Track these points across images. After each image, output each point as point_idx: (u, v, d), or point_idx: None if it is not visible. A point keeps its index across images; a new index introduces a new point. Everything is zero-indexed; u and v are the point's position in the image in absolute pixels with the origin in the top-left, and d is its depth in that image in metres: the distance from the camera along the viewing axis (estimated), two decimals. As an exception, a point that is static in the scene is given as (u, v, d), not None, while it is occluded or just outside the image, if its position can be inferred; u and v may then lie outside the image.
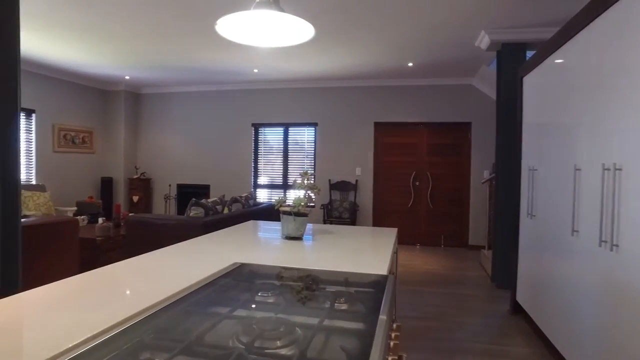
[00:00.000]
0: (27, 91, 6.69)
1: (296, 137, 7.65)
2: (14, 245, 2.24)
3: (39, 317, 1.01)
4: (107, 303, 1.10)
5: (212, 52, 5.62)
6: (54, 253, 3.68)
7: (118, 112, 8.22)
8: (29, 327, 0.96)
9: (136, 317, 1.00)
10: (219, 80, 7.57)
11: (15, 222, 2.24)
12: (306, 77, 7.10)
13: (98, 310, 1.04)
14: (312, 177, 7.41)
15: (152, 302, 1.11)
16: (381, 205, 7.24)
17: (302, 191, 2.15)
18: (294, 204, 2.05)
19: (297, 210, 2.04)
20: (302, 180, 2.21)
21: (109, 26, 4.66)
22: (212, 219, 3.98)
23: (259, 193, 7.89)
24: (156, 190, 8.46)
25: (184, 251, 1.82)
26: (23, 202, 6.11)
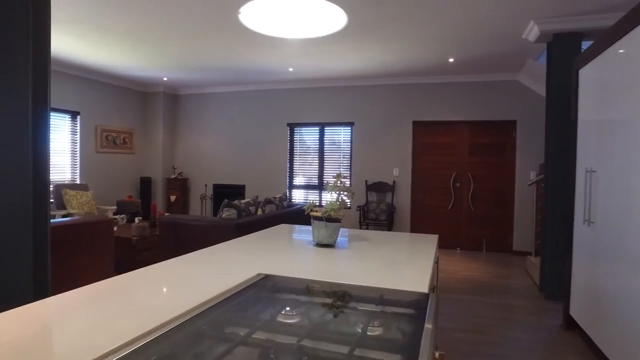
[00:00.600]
0: (72, 94, 6.91)
1: (332, 137, 7.51)
2: (44, 246, 2.22)
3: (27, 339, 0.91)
4: (113, 320, 0.99)
5: (248, 50, 5.57)
6: (91, 252, 3.71)
7: (157, 113, 8.38)
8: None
9: (141, 340, 0.88)
10: (255, 80, 7.55)
11: (44, 222, 2.22)
12: (342, 76, 6.94)
13: (101, 330, 0.93)
14: (347, 179, 7.28)
15: (162, 319, 1.00)
16: (419, 207, 6.97)
17: (335, 194, 1.99)
18: (325, 209, 1.91)
19: (329, 215, 1.89)
20: (335, 182, 2.05)
21: (148, 27, 4.69)
22: (245, 221, 3.90)
23: (294, 194, 7.81)
24: (193, 190, 8.55)
25: (207, 258, 1.71)
26: (67, 200, 6.31)
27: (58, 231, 3.42)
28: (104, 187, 7.54)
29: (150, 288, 1.29)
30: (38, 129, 2.19)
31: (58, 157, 6.80)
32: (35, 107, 2.18)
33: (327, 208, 1.89)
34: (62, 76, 6.73)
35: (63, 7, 4.18)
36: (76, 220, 3.62)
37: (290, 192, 7.80)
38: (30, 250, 2.21)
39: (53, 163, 6.71)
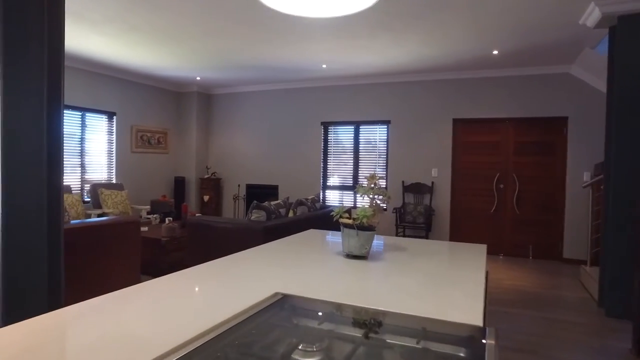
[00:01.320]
0: (108, 95, 6.99)
1: (368, 136, 7.23)
2: (57, 251, 2.09)
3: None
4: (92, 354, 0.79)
5: (280, 47, 5.39)
6: (117, 254, 3.63)
7: (190, 113, 8.38)
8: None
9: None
10: (288, 79, 7.38)
11: (58, 224, 2.09)
12: (378, 72, 6.65)
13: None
14: (382, 179, 6.97)
15: (153, 354, 0.79)
16: (460, 210, 6.57)
17: (368, 197, 1.75)
18: (357, 215, 1.66)
19: (361, 222, 1.64)
20: (368, 184, 1.81)
21: (178, 25, 4.60)
22: (273, 224, 3.70)
23: (328, 195, 7.59)
24: (226, 190, 8.50)
25: (220, 270, 1.50)
26: (103, 200, 6.37)
27: (83, 232, 3.35)
28: (139, 186, 7.60)
29: (143, 310, 1.09)
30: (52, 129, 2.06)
31: (95, 157, 6.89)
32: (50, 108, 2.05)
33: (358, 214, 1.65)
34: (99, 77, 6.81)
35: (95, 8, 4.14)
36: (102, 221, 3.55)
37: (324, 193, 7.58)
38: (45, 255, 2.09)
39: (91, 163, 6.81)
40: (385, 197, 1.75)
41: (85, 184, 6.73)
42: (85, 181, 6.74)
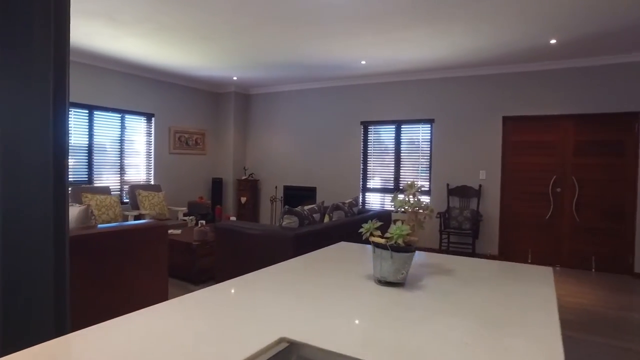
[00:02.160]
0: (147, 96, 7.01)
1: (410, 136, 6.82)
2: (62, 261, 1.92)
3: None
4: None
5: (317, 43, 5.13)
6: (144, 258, 3.49)
7: (228, 114, 8.30)
8: None
9: None
10: (326, 77, 7.11)
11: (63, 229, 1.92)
12: (420, 67, 6.24)
13: None
14: (425, 180, 6.55)
15: None
16: (510, 215, 6.03)
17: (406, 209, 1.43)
18: (391, 234, 1.35)
19: (396, 243, 1.33)
20: (405, 196, 1.49)
21: (209, 22, 4.44)
22: (305, 231, 3.44)
23: (368, 197, 7.24)
24: (263, 192, 8.36)
25: (218, 301, 1.24)
26: (140, 201, 6.37)
27: (109, 237, 3.23)
28: (176, 187, 7.59)
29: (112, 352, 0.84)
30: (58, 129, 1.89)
31: (134, 158, 6.93)
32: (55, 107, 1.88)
33: (393, 233, 1.34)
34: (137, 79, 6.84)
35: (124, 9, 4.05)
36: (129, 226, 3.42)
37: (363, 196, 7.25)
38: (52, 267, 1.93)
39: (130, 164, 6.85)
40: (427, 213, 1.43)
41: (124, 185, 6.77)
42: (125, 182, 6.79)
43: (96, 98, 6.27)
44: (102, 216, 5.70)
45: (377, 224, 1.41)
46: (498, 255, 6.05)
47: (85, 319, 3.12)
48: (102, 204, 5.75)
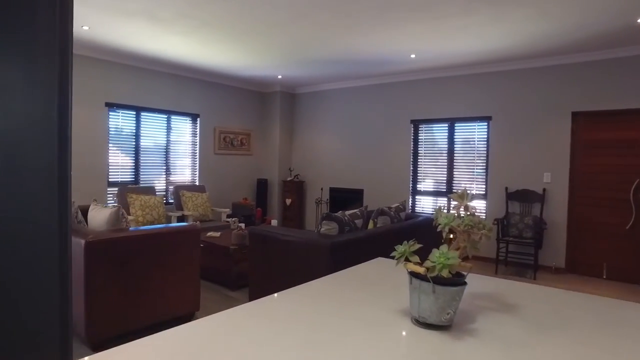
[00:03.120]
0: (192, 97, 7.00)
1: (464, 135, 6.29)
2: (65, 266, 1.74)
3: None
4: None
5: (363, 36, 4.80)
6: (175, 263, 3.34)
7: (274, 114, 8.16)
8: None
9: None
10: (373, 73, 6.75)
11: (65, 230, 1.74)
12: (475, 61, 5.71)
13: None
14: (480, 186, 5.98)
15: None
16: (581, 223, 5.35)
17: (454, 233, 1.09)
18: (433, 262, 1.01)
19: (440, 274, 0.99)
20: (456, 208, 1.14)
21: (251, 18, 4.24)
22: (344, 240, 3.12)
23: (418, 201, 6.79)
24: (309, 193, 8.13)
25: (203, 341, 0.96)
26: (184, 202, 6.35)
27: (137, 241, 3.10)
28: (221, 188, 7.54)
29: None
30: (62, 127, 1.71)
31: (180, 159, 6.94)
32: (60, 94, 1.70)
33: (436, 260, 1.00)
34: (182, 80, 6.85)
35: (163, 4, 3.94)
36: (158, 229, 3.28)
37: (413, 200, 6.81)
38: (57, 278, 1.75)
39: (176, 164, 6.87)
40: (484, 233, 1.07)
41: (169, 186, 6.80)
42: (170, 183, 6.82)
43: (143, 99, 6.33)
44: (146, 216, 5.71)
45: (415, 246, 1.07)
46: (565, 268, 5.39)
47: (114, 324, 3.00)
48: (146, 204, 5.76)
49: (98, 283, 2.90)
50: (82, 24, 4.59)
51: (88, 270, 2.85)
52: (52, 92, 1.65)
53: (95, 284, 2.89)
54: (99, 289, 2.91)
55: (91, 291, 2.87)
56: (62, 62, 1.68)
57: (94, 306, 2.89)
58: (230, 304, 3.97)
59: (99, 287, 2.91)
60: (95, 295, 2.89)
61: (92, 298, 2.88)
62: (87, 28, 4.73)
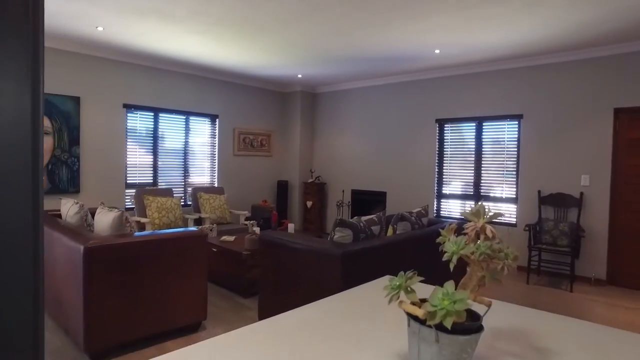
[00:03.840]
0: (211, 97, 6.90)
1: (493, 134, 5.92)
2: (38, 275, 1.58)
3: None
4: None
5: (385, 30, 4.54)
6: (180, 270, 3.18)
7: (294, 114, 7.97)
8: None
9: None
10: (396, 70, 6.45)
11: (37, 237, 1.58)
12: (504, 54, 5.34)
13: None
14: (510, 188, 5.57)
15: None
16: (624, 231, 4.90)
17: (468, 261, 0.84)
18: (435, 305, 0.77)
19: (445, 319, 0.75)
20: (469, 230, 0.89)
21: (265, 13, 4.06)
22: (358, 249, 2.88)
23: (444, 205, 6.45)
24: (331, 196, 7.90)
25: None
26: (201, 204, 6.24)
27: (140, 247, 2.95)
28: (240, 190, 7.41)
29: None
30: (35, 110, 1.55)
31: (199, 160, 6.85)
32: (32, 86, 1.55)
33: (438, 303, 0.75)
34: (201, 80, 6.75)
35: (174, 3, 3.81)
36: (163, 234, 3.13)
37: (438, 203, 6.47)
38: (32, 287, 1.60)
39: (194, 166, 6.78)
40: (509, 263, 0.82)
41: (188, 188, 6.71)
42: (189, 184, 6.73)
43: (161, 100, 6.26)
44: (163, 219, 5.62)
45: (415, 279, 0.83)
46: (606, 280, 4.95)
47: (115, 333, 2.87)
48: (162, 206, 5.67)
49: (98, 290, 2.77)
50: (96, 24, 4.53)
51: (87, 277, 2.72)
52: (24, 86, 1.46)
53: (94, 292, 2.76)
54: (99, 296, 2.78)
55: (90, 299, 2.74)
56: (34, 53, 1.49)
57: (94, 314, 2.76)
58: (240, 312, 3.79)
59: (99, 295, 2.78)
60: (94, 303, 2.76)
61: (91, 306, 2.75)
62: (102, 29, 4.67)
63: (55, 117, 5.26)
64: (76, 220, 3.77)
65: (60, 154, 5.32)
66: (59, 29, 4.69)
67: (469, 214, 0.88)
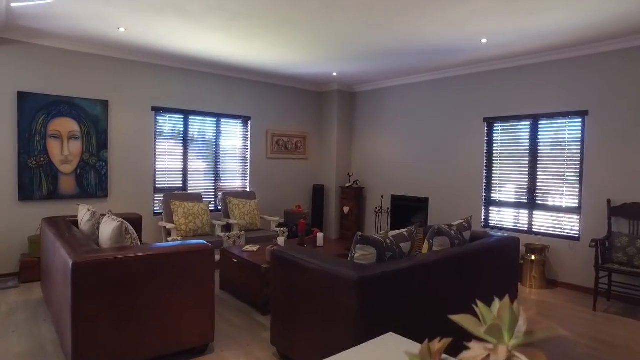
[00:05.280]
0: (242, 98, 6.66)
1: (551, 134, 5.19)
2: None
3: None
4: None
5: (422, 18, 4.03)
6: (184, 288, 2.87)
7: (331, 115, 7.57)
8: None
9: None
10: (438, 65, 5.87)
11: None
12: (565, 42, 4.63)
13: None
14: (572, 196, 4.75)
15: None
16: None
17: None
18: None
19: None
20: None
21: (289, 3, 3.70)
22: (378, 273, 2.41)
23: (492, 214, 5.77)
24: (369, 201, 7.42)
25: None
26: (231, 210, 5.99)
27: (139, 262, 2.67)
28: (273, 195, 7.11)
29: None
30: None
31: (230, 164, 6.63)
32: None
33: None
34: (232, 81, 6.52)
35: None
36: (164, 248, 2.83)
37: (486, 211, 5.81)
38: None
39: (225, 170, 6.56)
40: None
41: (218, 192, 6.50)
42: (219, 189, 6.52)
43: (191, 102, 6.09)
44: (189, 225, 5.42)
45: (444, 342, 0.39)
46: (694, 307, 4.12)
47: (109, 356, 2.60)
48: (189, 212, 5.47)
49: (89, 309, 2.51)
50: (117, 25, 4.38)
51: (76, 295, 2.47)
52: None
53: (85, 310, 2.50)
54: (90, 315, 2.52)
55: (80, 318, 2.49)
56: None
57: (84, 335, 2.50)
58: (255, 332, 3.44)
59: (90, 314, 2.52)
60: (85, 322, 2.50)
61: (81, 326, 2.49)
62: (124, 30, 4.52)
63: (83, 121, 5.20)
64: (88, 228, 3.59)
65: (88, 158, 5.26)
66: (82, 31, 4.59)
67: (481, 331, 0.43)
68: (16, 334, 3.34)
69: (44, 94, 4.93)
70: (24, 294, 4.33)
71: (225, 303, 4.15)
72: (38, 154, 4.93)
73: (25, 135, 4.83)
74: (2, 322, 3.58)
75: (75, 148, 5.18)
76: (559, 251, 5.01)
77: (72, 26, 4.44)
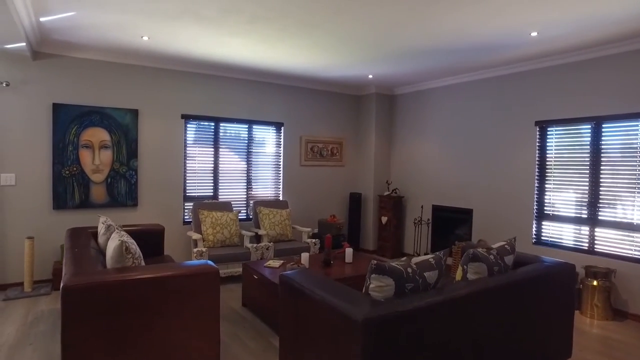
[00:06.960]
0: (275, 104, 6.46)
1: (617, 138, 4.50)
2: None
3: None
4: None
5: (464, 10, 3.59)
6: (185, 313, 2.65)
7: (369, 119, 7.19)
8: None
9: None
10: (483, 63, 5.33)
11: None
12: (631, 30, 3.97)
13: None
14: None
15: None
16: None
17: None
18: None
19: None
20: None
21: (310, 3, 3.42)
22: (390, 314, 2.03)
23: (546, 229, 5.13)
24: (409, 211, 6.95)
25: None
26: (261, 219, 5.79)
27: (132, 287, 2.48)
28: (306, 204, 6.84)
29: None
30: None
31: (262, 171, 6.44)
32: None
33: None
34: (263, 86, 6.33)
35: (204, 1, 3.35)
36: (162, 269, 2.62)
37: (538, 226, 5.18)
38: None
39: (258, 177, 6.39)
40: None
41: (250, 201, 6.33)
42: (251, 197, 6.35)
43: (221, 109, 5.97)
44: (217, 235, 5.28)
45: None
46: None
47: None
48: (217, 221, 5.33)
49: (78, 337, 2.35)
50: (140, 34, 4.30)
51: (66, 320, 2.31)
52: None
53: (75, 337, 2.33)
54: (81, 343, 2.35)
55: (69, 346, 2.33)
56: None
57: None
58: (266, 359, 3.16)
59: (78, 343, 2.35)
60: (74, 350, 2.34)
61: (70, 355, 2.33)
62: (147, 38, 4.44)
63: (114, 131, 5.21)
64: (103, 242, 3.49)
65: (118, 167, 5.26)
66: (108, 40, 4.57)
67: None
68: (32, 348, 3.29)
69: (77, 105, 4.98)
70: (53, 302, 4.36)
71: (245, 322, 3.92)
72: (71, 164, 4.98)
73: (59, 145, 4.90)
74: (24, 333, 3.56)
75: (106, 157, 5.19)
76: (628, 276, 4.32)
77: (98, 36, 4.42)
